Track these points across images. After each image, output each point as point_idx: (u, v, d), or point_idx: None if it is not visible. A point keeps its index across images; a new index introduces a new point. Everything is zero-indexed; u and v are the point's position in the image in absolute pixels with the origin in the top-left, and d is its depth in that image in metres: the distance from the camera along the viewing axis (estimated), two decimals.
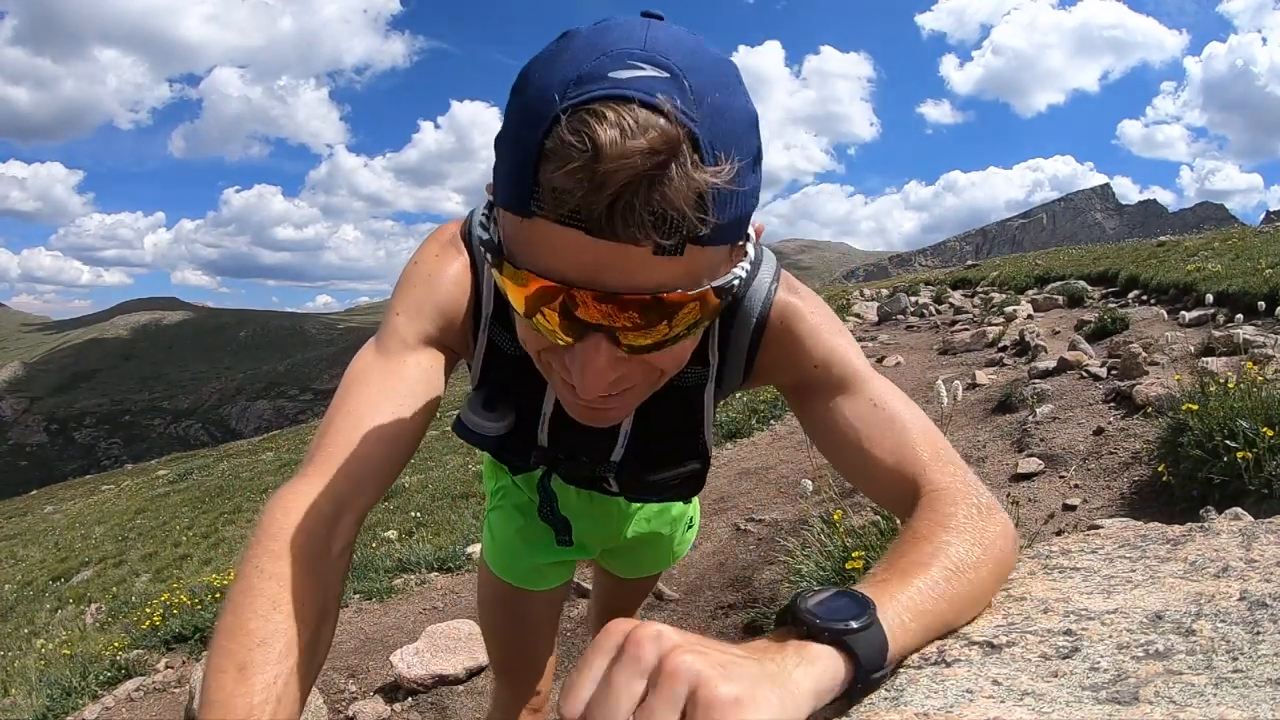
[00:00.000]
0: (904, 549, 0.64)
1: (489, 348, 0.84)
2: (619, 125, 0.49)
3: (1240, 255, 9.88)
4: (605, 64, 0.52)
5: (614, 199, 0.50)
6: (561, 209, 0.51)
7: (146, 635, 4.60)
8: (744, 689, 0.43)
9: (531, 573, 1.29)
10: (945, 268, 36.88)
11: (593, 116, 0.49)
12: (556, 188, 0.51)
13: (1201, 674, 0.49)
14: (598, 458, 0.93)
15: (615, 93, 0.51)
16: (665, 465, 0.92)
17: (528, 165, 0.52)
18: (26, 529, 15.82)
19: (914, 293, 14.71)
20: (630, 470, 0.93)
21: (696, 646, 0.45)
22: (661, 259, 0.53)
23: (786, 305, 0.81)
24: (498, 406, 0.86)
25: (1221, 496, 2.79)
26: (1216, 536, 0.73)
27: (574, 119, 0.50)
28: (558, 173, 0.50)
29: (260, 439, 24.24)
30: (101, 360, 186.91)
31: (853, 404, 0.78)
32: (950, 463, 0.74)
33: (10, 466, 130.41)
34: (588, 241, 0.52)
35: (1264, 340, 5.04)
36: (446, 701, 3.08)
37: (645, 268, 0.53)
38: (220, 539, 9.84)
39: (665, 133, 0.49)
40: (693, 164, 0.51)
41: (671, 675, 0.43)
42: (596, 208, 0.50)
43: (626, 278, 0.54)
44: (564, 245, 0.53)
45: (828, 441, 0.80)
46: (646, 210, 0.50)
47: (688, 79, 0.52)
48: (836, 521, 2.65)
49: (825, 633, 0.51)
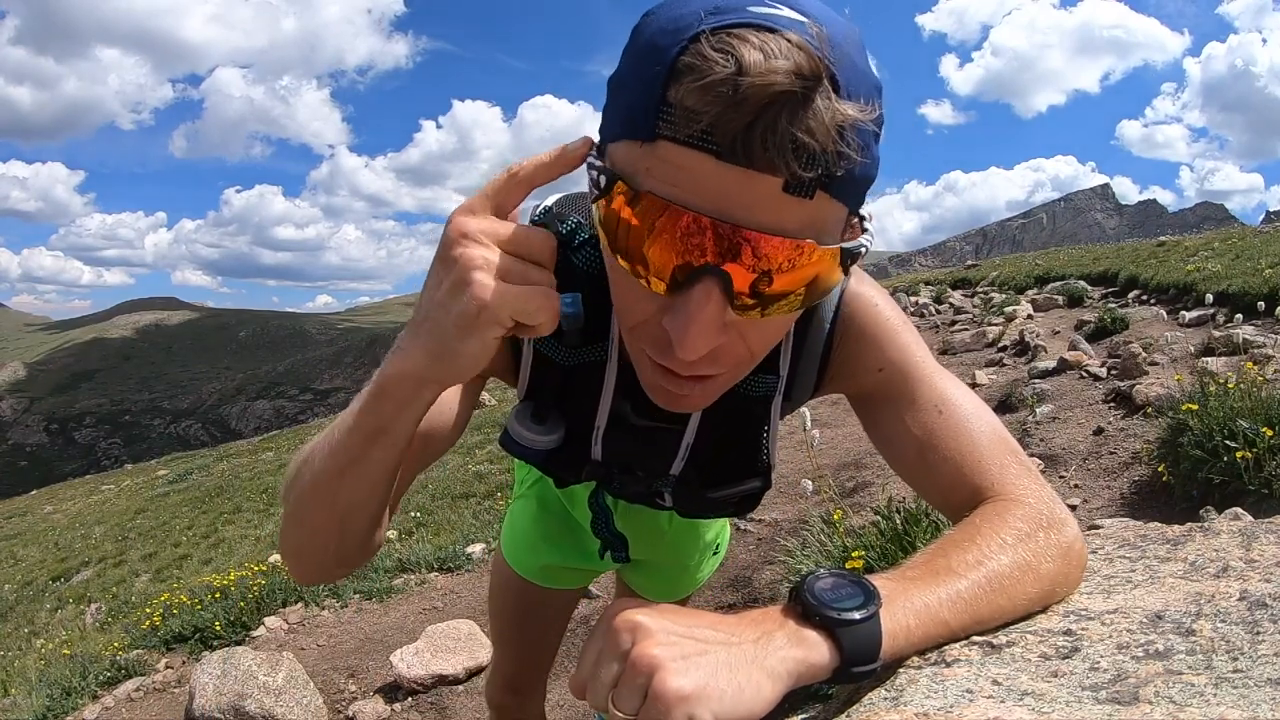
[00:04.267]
0: (947, 549, 0.61)
1: (536, 358, 0.79)
2: (763, 48, 0.46)
3: (1240, 255, 9.88)
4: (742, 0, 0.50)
5: (754, 118, 0.46)
6: (692, 128, 0.48)
7: (146, 635, 4.59)
8: (697, 681, 0.45)
9: (543, 571, 1.29)
10: (945, 268, 36.90)
11: (735, 38, 0.47)
12: (689, 105, 0.47)
13: (1201, 674, 0.49)
14: (655, 472, 0.88)
15: (757, 21, 0.48)
16: (725, 482, 0.87)
17: (655, 85, 0.49)
18: (26, 529, 15.80)
19: (914, 293, 14.70)
20: (688, 486, 0.88)
21: (670, 635, 0.48)
22: (791, 199, 0.49)
23: (859, 298, 0.77)
24: (548, 419, 0.81)
25: (1221, 496, 2.79)
26: (1216, 536, 0.73)
27: (715, 38, 0.47)
28: (693, 87, 0.47)
29: (260, 439, 24.25)
30: (101, 360, 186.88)
31: (916, 411, 0.73)
32: (1020, 471, 0.70)
33: (10, 466, 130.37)
34: (715, 167, 0.48)
35: (1264, 340, 5.03)
36: (446, 701, 3.08)
37: (774, 206, 0.49)
38: (220, 539, 9.83)
39: (811, 60, 0.47)
40: (834, 97, 0.48)
41: (633, 665, 0.47)
42: (734, 127, 0.46)
43: (752, 213, 0.49)
44: (688, 170, 0.49)
45: (890, 451, 0.76)
46: (788, 134, 0.47)
47: (824, 27, 0.50)
48: (836, 521, 2.65)
49: (818, 617, 0.52)
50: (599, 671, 0.49)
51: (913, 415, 0.73)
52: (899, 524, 2.44)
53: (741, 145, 0.47)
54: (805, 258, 0.52)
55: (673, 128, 0.49)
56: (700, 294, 0.52)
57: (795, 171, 0.48)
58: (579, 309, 0.61)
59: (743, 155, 0.47)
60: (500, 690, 1.47)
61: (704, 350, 0.55)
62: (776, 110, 0.46)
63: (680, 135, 0.48)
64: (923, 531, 2.35)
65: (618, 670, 0.48)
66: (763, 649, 0.49)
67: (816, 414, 2.82)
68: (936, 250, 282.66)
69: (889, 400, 0.76)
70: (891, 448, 0.76)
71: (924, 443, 0.72)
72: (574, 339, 0.75)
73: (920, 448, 0.72)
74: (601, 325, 0.75)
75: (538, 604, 1.34)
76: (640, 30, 0.54)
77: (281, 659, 3.25)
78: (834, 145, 0.48)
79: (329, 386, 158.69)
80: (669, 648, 0.47)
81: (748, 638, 0.50)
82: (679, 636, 0.48)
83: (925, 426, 0.73)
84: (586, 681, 0.50)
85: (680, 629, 0.49)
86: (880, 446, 0.79)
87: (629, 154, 0.52)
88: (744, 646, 0.49)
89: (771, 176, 0.48)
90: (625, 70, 0.54)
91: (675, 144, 0.49)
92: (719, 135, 0.47)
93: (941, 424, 0.72)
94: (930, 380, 0.75)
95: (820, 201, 0.50)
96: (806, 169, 0.48)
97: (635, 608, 0.51)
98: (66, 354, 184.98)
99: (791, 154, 0.47)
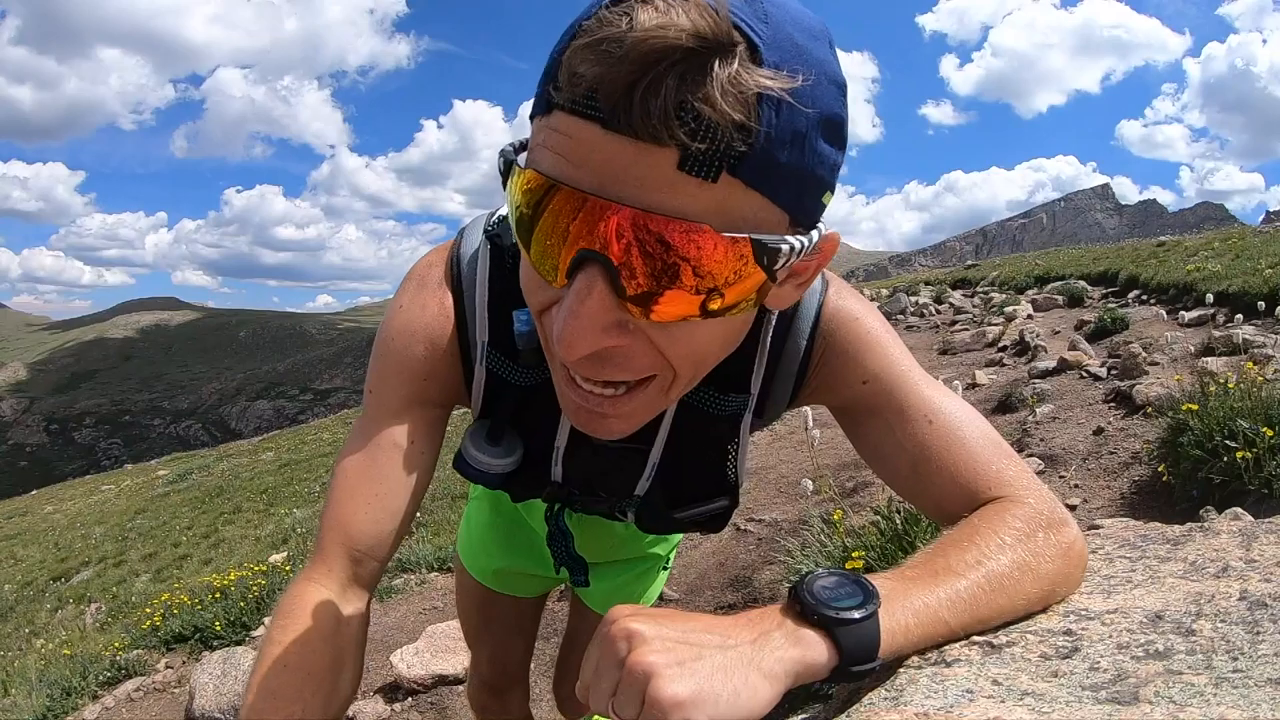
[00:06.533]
0: (947, 549, 0.60)
1: (489, 379, 0.76)
2: (665, 9, 0.42)
3: (1240, 255, 9.88)
4: None
5: (636, 76, 0.41)
6: (575, 90, 0.44)
7: (146, 635, 4.60)
8: (693, 686, 0.46)
9: (498, 576, 1.27)
10: (945, 268, 36.90)
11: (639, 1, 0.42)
12: (575, 70, 0.43)
13: (1201, 674, 0.49)
14: (620, 492, 0.84)
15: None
16: (691, 501, 0.84)
17: (556, 54, 0.46)
18: (26, 529, 15.80)
19: (914, 293, 14.70)
20: (652, 506, 0.85)
21: (665, 641, 0.48)
22: (690, 180, 0.43)
23: (840, 312, 0.73)
24: (504, 439, 0.78)
25: (1221, 496, 2.79)
26: (1216, 536, 0.73)
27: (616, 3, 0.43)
28: (580, 46, 0.43)
29: (260, 439, 24.25)
30: (102, 360, 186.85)
31: (906, 423, 0.71)
32: (1017, 473, 0.68)
33: (10, 466, 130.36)
34: (601, 136, 0.43)
35: (1264, 340, 5.04)
36: (446, 701, 3.08)
37: (668, 184, 0.43)
38: (220, 539, 9.83)
39: (720, 23, 0.42)
40: (744, 64, 0.42)
41: (629, 672, 0.47)
42: (617, 88, 0.42)
43: (644, 192, 0.44)
44: (576, 140, 0.44)
45: (882, 465, 0.74)
46: (677, 98, 0.41)
47: (766, 5, 0.45)
48: (836, 521, 2.65)
49: (816, 616, 0.52)
50: (599, 680, 0.49)
51: (903, 428, 0.71)
52: (899, 524, 2.44)
53: (623, 107, 0.42)
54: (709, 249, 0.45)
55: (560, 93, 0.45)
56: (581, 283, 0.47)
57: (684, 141, 0.42)
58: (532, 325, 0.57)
59: (624, 120, 0.42)
60: (479, 691, 1.46)
61: (585, 349, 0.49)
62: (664, 69, 0.41)
63: (565, 101, 0.44)
64: (923, 531, 2.35)
65: (616, 678, 0.48)
66: (759, 650, 0.49)
67: (817, 414, 2.82)
68: (936, 250, 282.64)
69: (876, 412, 0.73)
70: (884, 462, 0.74)
71: (917, 455, 0.70)
72: (530, 357, 0.73)
73: (913, 460, 0.70)
74: None
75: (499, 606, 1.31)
76: None
77: None
78: (744, 119, 0.42)
79: (329, 386, 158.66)
80: (664, 654, 0.47)
81: (744, 639, 0.50)
82: (674, 642, 0.48)
83: (917, 438, 0.70)
84: (590, 689, 0.50)
85: (676, 634, 0.49)
86: (871, 460, 0.76)
87: (533, 132, 0.49)
88: (740, 648, 0.49)
89: (662, 149, 0.42)
90: None
91: (564, 113, 0.45)
92: (602, 97, 0.43)
93: (933, 434, 0.70)
94: (918, 390, 0.72)
95: (729, 187, 0.44)
96: (699, 140, 0.42)
97: (632, 614, 0.51)
98: (67, 354, 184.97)
99: (680, 122, 0.42)
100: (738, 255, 0.46)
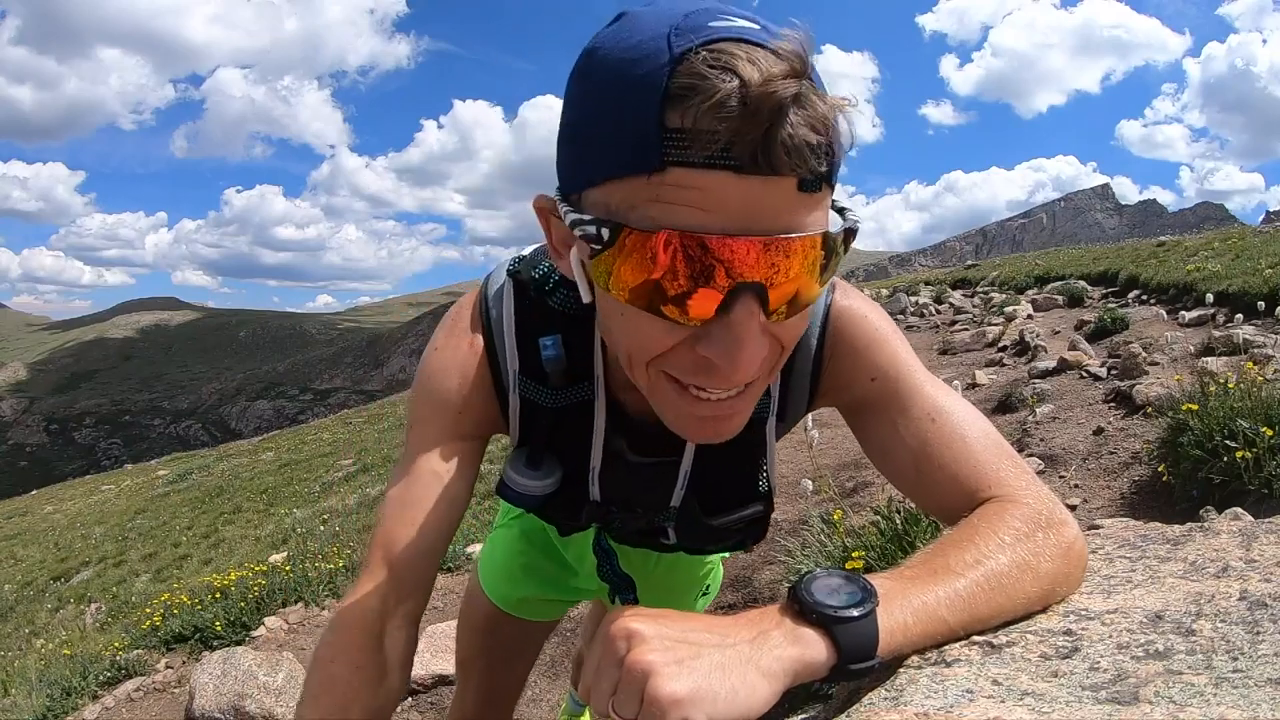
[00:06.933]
0: (946, 548, 0.61)
1: (523, 406, 0.80)
2: (749, 59, 0.47)
3: (1240, 255, 9.87)
4: (698, 18, 0.50)
5: (770, 126, 0.47)
6: (710, 148, 0.47)
7: (146, 635, 4.59)
8: (692, 685, 0.46)
9: (521, 604, 1.26)
10: (945, 268, 36.91)
11: (724, 54, 0.47)
12: (700, 127, 0.47)
13: (1201, 674, 0.49)
14: (655, 506, 0.87)
15: (728, 35, 0.49)
16: (726, 509, 0.86)
17: (650, 114, 0.48)
18: (26, 529, 15.81)
19: (914, 293, 14.70)
20: (689, 517, 0.88)
21: (664, 640, 0.49)
22: (805, 196, 0.50)
23: (847, 311, 0.77)
24: (543, 464, 0.82)
25: (1221, 496, 2.79)
26: (1216, 536, 0.73)
27: (703, 56, 0.48)
28: (704, 107, 0.47)
29: (260, 439, 24.26)
30: (102, 360, 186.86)
31: (909, 421, 0.73)
32: (1017, 473, 0.70)
33: (10, 466, 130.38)
34: (734, 182, 0.48)
35: (1264, 340, 5.04)
36: (446, 701, 3.08)
37: (792, 206, 0.50)
38: (220, 539, 9.83)
39: (793, 60, 0.48)
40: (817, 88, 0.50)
41: (628, 672, 0.48)
42: (752, 139, 0.47)
43: (777, 219, 0.50)
44: (709, 191, 0.49)
45: (886, 463, 0.76)
46: (801, 135, 0.48)
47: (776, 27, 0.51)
48: (836, 521, 2.65)
49: (814, 615, 0.52)
50: (599, 679, 0.50)
51: (906, 424, 0.73)
52: (899, 524, 2.44)
53: (763, 154, 0.48)
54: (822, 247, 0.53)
55: (685, 152, 0.48)
56: (743, 313, 0.52)
57: (814, 168, 0.49)
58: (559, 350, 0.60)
59: (764, 164, 0.48)
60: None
61: (755, 371, 0.56)
62: (786, 114, 0.47)
63: (696, 158, 0.48)
64: (923, 531, 2.35)
65: (616, 677, 0.49)
66: (758, 648, 0.50)
67: (817, 414, 2.82)
68: (936, 250, 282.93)
69: (881, 409, 0.75)
70: (887, 460, 0.76)
71: (919, 452, 0.72)
72: (558, 380, 0.77)
73: (915, 458, 0.72)
74: (584, 364, 0.77)
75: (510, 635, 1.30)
76: (590, 71, 0.54)
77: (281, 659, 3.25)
78: (831, 136, 0.50)
79: (329, 386, 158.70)
80: (663, 653, 0.48)
81: (743, 638, 0.51)
82: (673, 641, 0.49)
83: (919, 436, 0.72)
84: (591, 688, 0.51)
85: (675, 633, 0.50)
86: (875, 459, 0.78)
87: (628, 192, 0.51)
88: (739, 647, 0.50)
89: (785, 178, 0.49)
90: (592, 111, 0.53)
91: (690, 168, 0.48)
92: (738, 150, 0.47)
93: (935, 432, 0.72)
94: (922, 389, 0.75)
95: (826, 193, 0.52)
96: (818, 165, 0.50)
97: (631, 615, 0.51)
98: (67, 354, 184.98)
99: (808, 153, 0.49)
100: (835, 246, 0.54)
